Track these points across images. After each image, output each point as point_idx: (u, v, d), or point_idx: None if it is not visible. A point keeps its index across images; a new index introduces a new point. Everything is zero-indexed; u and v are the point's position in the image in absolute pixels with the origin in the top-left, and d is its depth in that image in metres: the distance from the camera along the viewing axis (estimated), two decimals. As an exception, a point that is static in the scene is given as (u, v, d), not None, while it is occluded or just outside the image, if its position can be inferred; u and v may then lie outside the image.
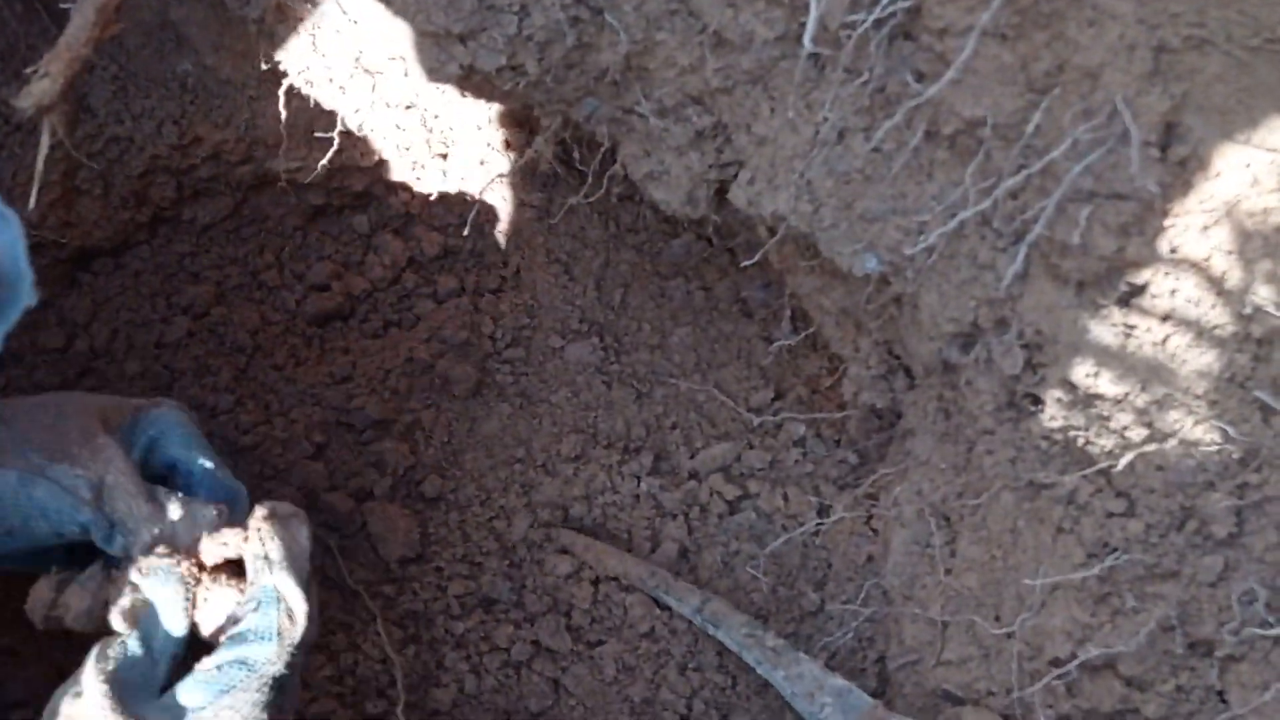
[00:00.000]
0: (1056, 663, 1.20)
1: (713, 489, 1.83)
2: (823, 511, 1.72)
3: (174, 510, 1.21)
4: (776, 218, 1.42)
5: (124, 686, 1.08)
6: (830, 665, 1.53)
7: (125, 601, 1.14)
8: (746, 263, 1.53)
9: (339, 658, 1.68)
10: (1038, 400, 1.31)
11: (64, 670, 1.42)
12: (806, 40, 1.32)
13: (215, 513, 1.23)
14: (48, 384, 1.86)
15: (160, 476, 1.33)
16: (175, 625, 1.15)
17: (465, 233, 2.10)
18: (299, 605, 1.14)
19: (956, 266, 1.29)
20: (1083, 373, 1.20)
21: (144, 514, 1.22)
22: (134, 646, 1.12)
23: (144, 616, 1.14)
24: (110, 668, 1.09)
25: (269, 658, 1.12)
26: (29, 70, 1.30)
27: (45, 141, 1.31)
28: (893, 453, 1.62)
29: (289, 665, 1.13)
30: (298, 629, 1.14)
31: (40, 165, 1.35)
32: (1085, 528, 1.20)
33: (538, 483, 1.92)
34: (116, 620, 1.13)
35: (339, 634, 1.71)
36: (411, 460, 1.92)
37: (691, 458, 1.90)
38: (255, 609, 1.14)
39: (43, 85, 1.26)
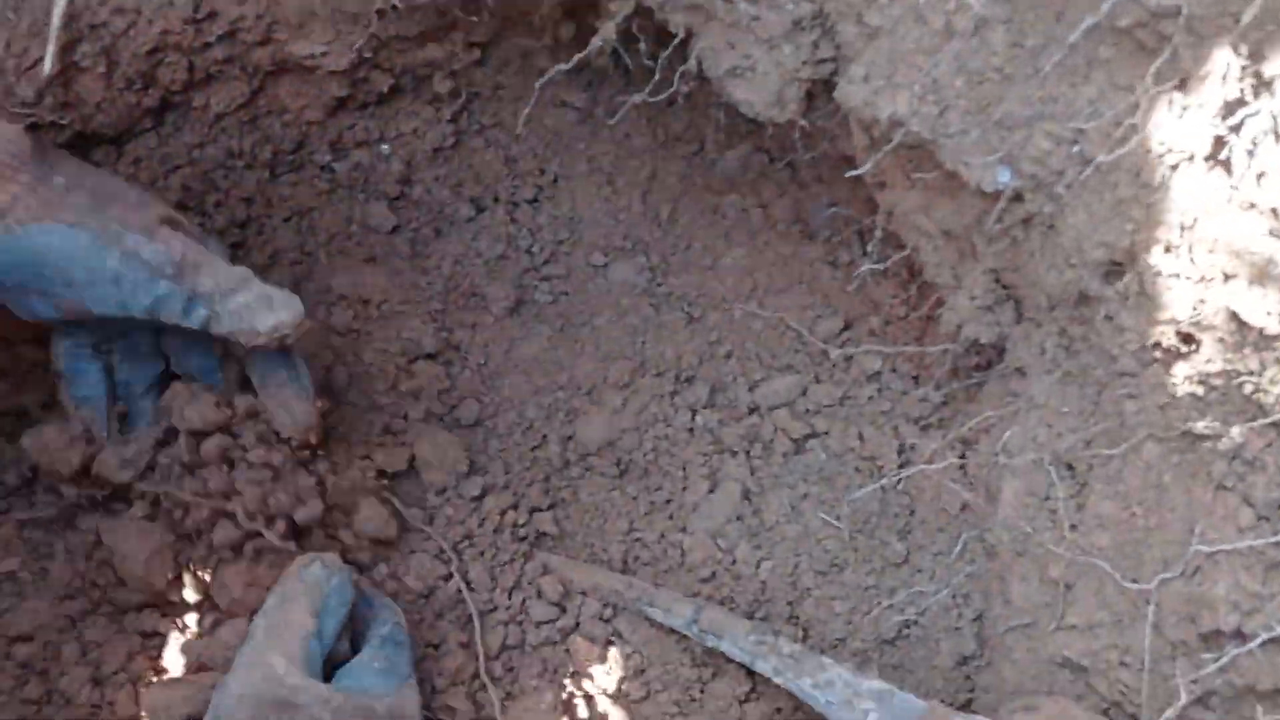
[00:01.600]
0: (1216, 636, 1.07)
1: (777, 425, 1.68)
2: (903, 453, 1.57)
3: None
4: (893, 122, 1.24)
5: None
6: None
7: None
8: (854, 172, 1.35)
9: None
10: (1191, 340, 1.16)
11: (72, 602, 1.30)
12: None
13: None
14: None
15: None
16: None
17: (517, 135, 1.90)
18: None
19: (1114, 184, 1.13)
20: (1262, 309, 1.05)
21: (235, 278, 1.30)
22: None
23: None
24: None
25: (404, 625, 1.35)
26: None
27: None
28: (991, 392, 1.47)
29: None
30: None
31: (56, 22, 1.15)
32: (1254, 486, 1.06)
33: (582, 411, 1.76)
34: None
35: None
36: (447, 383, 1.76)
37: (751, 390, 1.75)
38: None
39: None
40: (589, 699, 1.52)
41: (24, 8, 1.55)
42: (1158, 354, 1.17)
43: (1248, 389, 1.08)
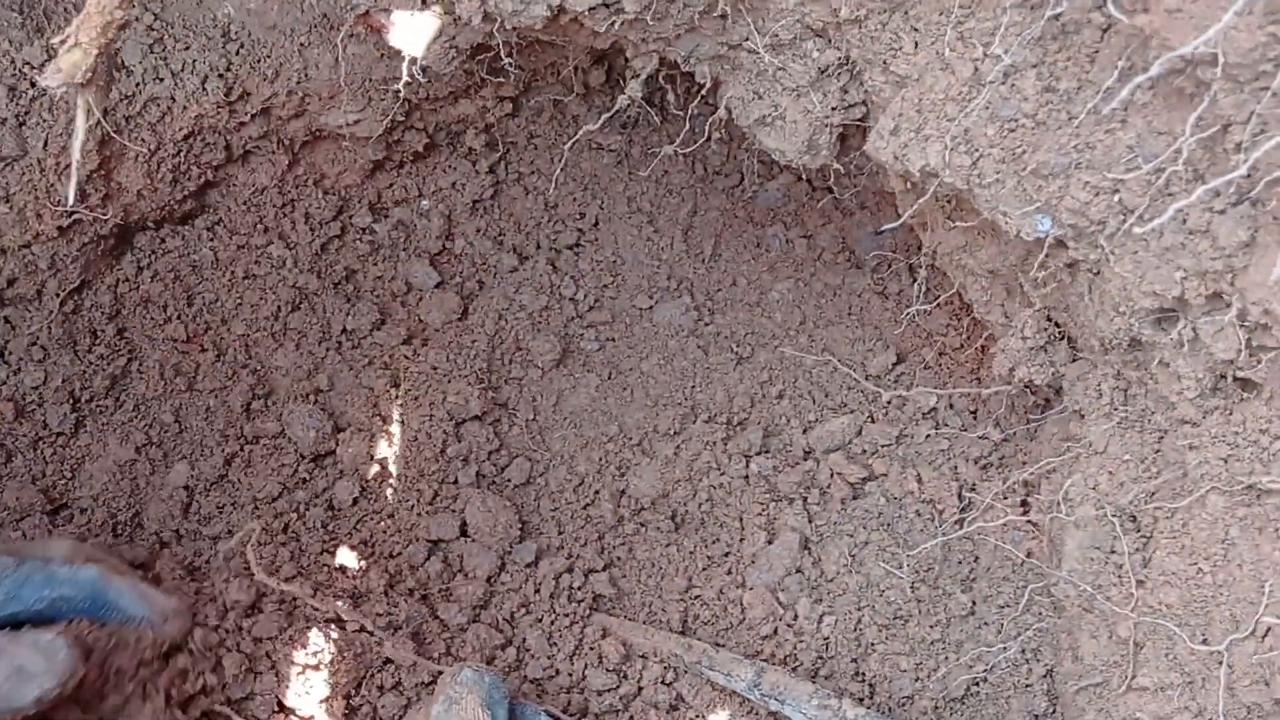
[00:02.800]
0: (1296, 706, 1.02)
1: (833, 469, 1.64)
2: (963, 496, 1.53)
3: None
4: (926, 173, 1.20)
5: None
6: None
7: None
8: (888, 226, 1.31)
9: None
10: (1250, 386, 1.10)
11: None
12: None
13: None
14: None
15: None
16: None
17: (554, 182, 1.89)
18: None
19: (1159, 231, 1.07)
20: (1325, 359, 0.99)
21: None
22: None
23: None
24: None
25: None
26: (56, 41, 1.10)
27: (81, 124, 1.11)
28: (1049, 434, 1.42)
29: None
30: None
31: (76, 152, 1.16)
32: (1329, 546, 1.00)
33: (633, 462, 1.74)
34: None
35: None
36: (496, 444, 1.75)
37: (805, 433, 1.71)
38: None
39: (73, 58, 1.05)
40: (657, 764, 1.51)
41: (58, 108, 1.58)
42: (1218, 401, 1.11)
43: (1318, 441, 1.02)
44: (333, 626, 1.49)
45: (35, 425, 1.66)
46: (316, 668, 1.44)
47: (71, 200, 1.34)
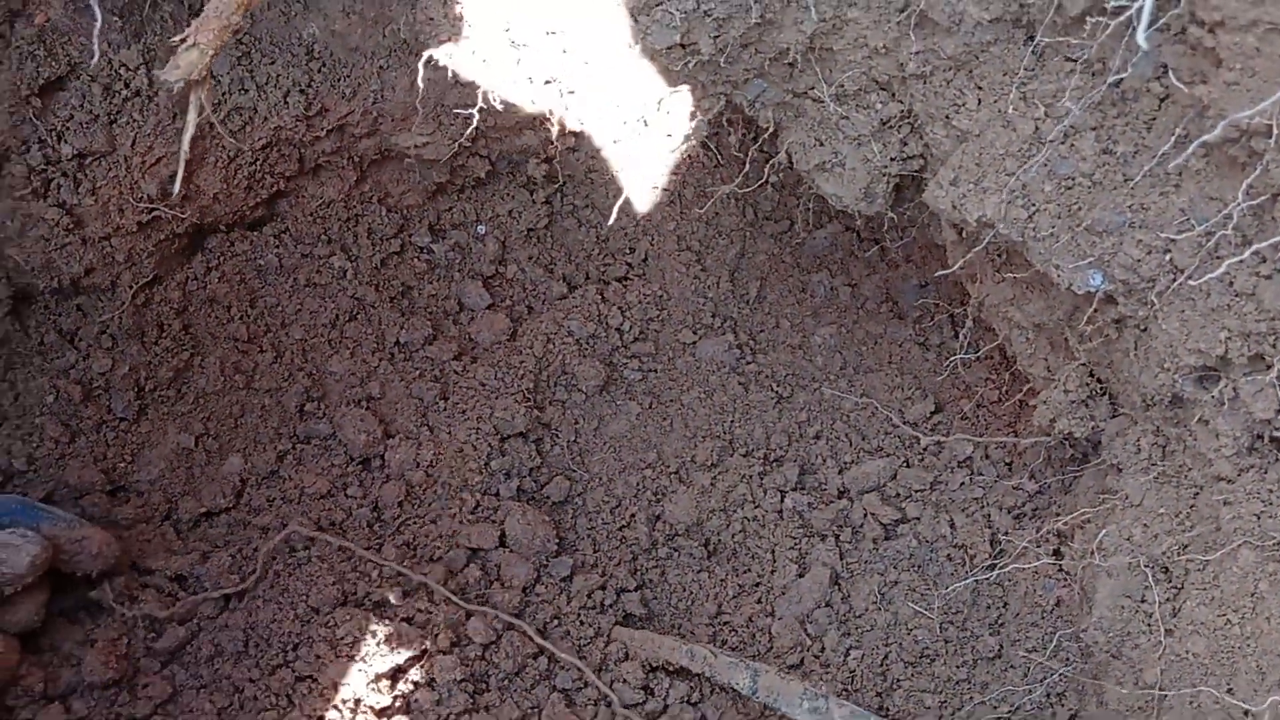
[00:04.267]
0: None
1: (867, 510, 1.69)
2: (996, 543, 1.56)
3: None
4: (983, 224, 1.26)
5: None
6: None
7: None
8: (940, 273, 1.37)
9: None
10: (1287, 447, 1.15)
11: None
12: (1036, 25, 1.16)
13: None
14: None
15: None
16: None
17: (607, 216, 1.96)
18: None
19: (1206, 292, 1.12)
20: (1363, 423, 1.03)
21: None
22: None
23: None
24: None
25: None
26: (175, 40, 1.18)
27: (192, 119, 1.19)
28: (1085, 487, 1.46)
29: None
30: None
31: (186, 145, 1.23)
32: (1358, 603, 1.04)
33: (670, 490, 1.79)
34: None
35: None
36: (537, 461, 1.80)
37: (840, 473, 1.75)
38: None
39: (191, 57, 1.13)
40: (677, 784, 1.53)
41: (149, 109, 1.66)
42: (1254, 459, 1.15)
43: (1350, 501, 1.06)
44: (382, 610, 1.55)
45: (100, 409, 1.72)
46: (364, 648, 1.50)
47: (178, 189, 1.41)
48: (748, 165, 1.64)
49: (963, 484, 1.66)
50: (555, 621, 1.65)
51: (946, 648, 1.51)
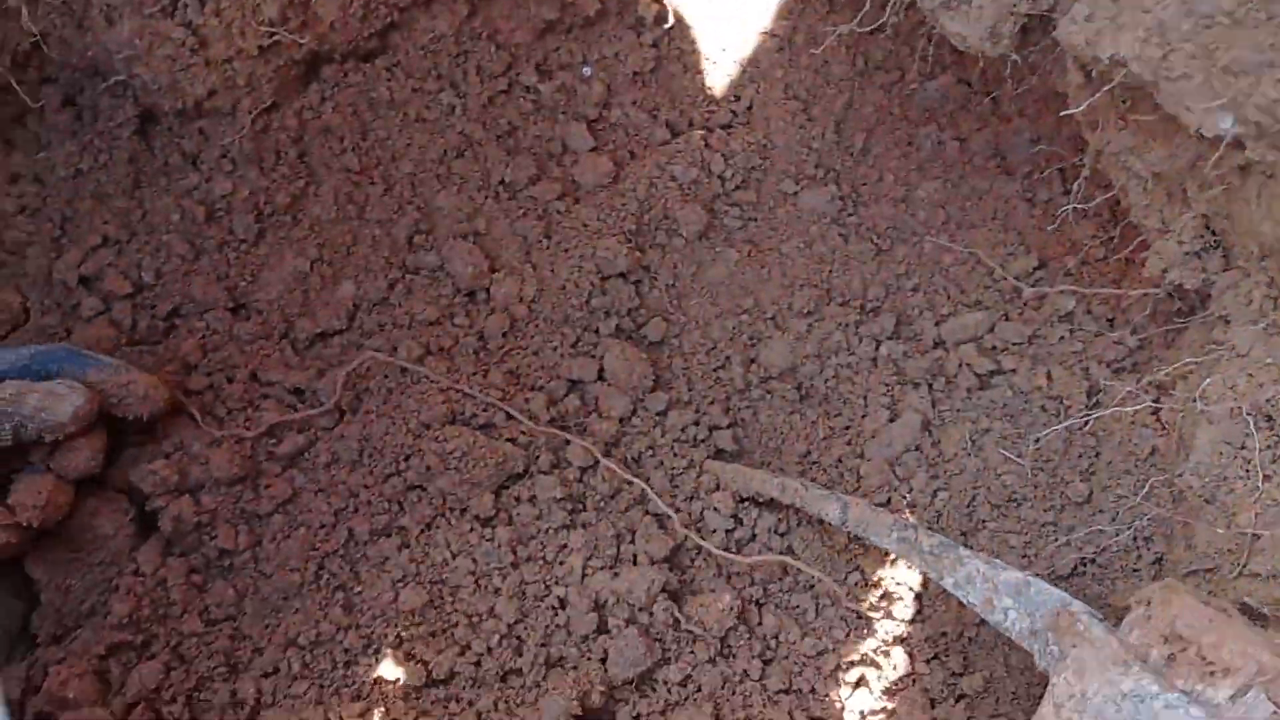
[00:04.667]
0: None
1: (962, 360, 1.70)
2: (1092, 395, 1.57)
3: None
4: (1115, 62, 1.23)
5: None
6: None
7: None
8: (1067, 111, 1.35)
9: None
10: None
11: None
12: None
13: None
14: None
15: None
16: None
17: (714, 61, 1.94)
18: None
19: (1343, 134, 1.10)
20: None
21: (12, 389, 1.44)
22: None
23: None
24: None
25: None
26: None
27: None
28: (1192, 340, 1.45)
29: None
30: None
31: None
32: None
33: (766, 335, 1.82)
34: None
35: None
36: (636, 301, 1.84)
37: (937, 325, 1.76)
38: None
39: None
40: (760, 607, 1.60)
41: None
42: (1374, 310, 1.14)
43: None
44: (488, 430, 1.65)
45: (223, 230, 1.79)
46: (470, 463, 1.58)
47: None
48: (866, 3, 1.61)
49: (1062, 338, 1.66)
50: (650, 452, 1.71)
51: (1035, 492, 1.53)
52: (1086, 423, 1.51)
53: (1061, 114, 1.39)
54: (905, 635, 1.54)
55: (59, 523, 1.53)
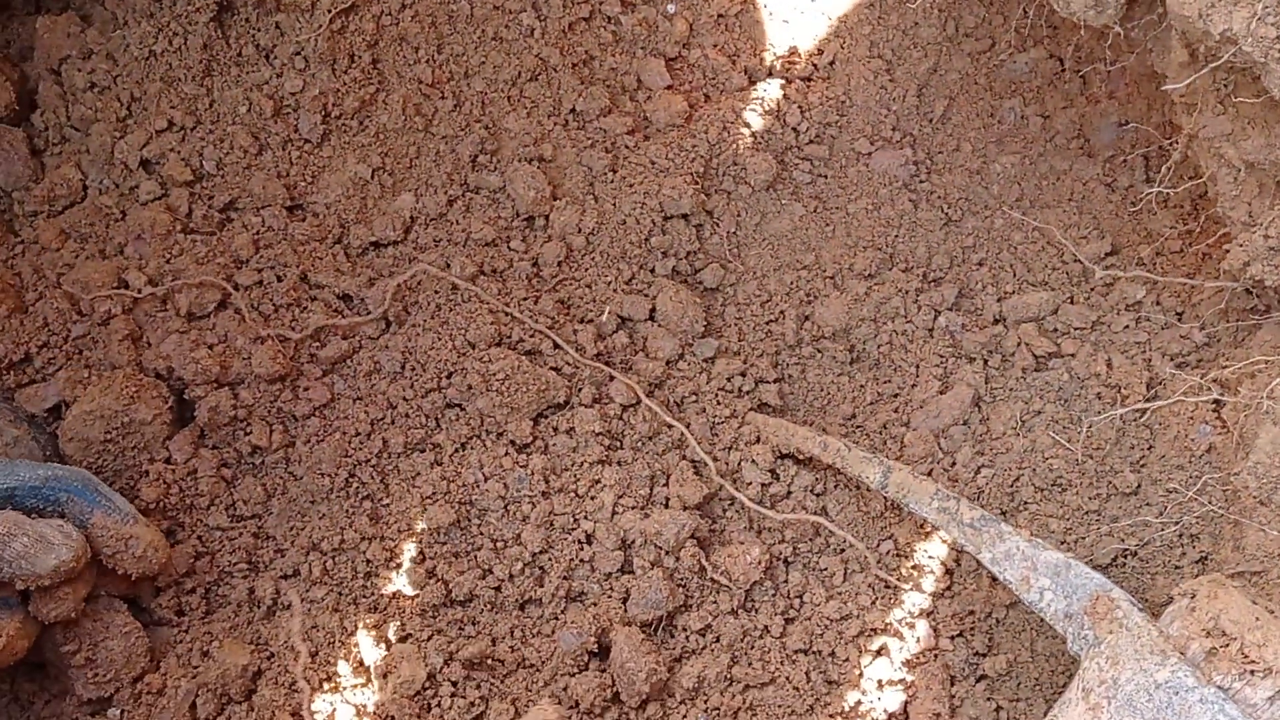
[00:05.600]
0: None
1: (1021, 338, 1.66)
2: (1152, 387, 1.53)
3: None
4: (1225, 39, 1.18)
5: None
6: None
7: None
8: (1169, 87, 1.29)
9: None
10: None
11: None
12: None
13: None
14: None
15: None
16: None
17: (801, 11, 1.89)
18: None
19: None
20: None
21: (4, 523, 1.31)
22: None
23: None
24: None
25: None
26: None
27: None
28: (1264, 339, 1.40)
29: None
30: None
31: None
32: None
33: (823, 293, 1.78)
34: None
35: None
36: (696, 245, 1.81)
37: (999, 301, 1.72)
38: None
39: None
40: (787, 565, 1.59)
41: None
42: None
43: None
44: (534, 357, 1.65)
45: (288, 127, 1.78)
46: (512, 386, 1.57)
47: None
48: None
49: (1127, 327, 1.61)
50: (693, 397, 1.69)
51: (1081, 479, 1.50)
52: (1144, 413, 1.47)
53: (1155, 96, 1.34)
54: (931, 609, 1.52)
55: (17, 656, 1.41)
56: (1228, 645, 1.02)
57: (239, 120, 1.77)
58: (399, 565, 1.57)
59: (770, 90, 1.94)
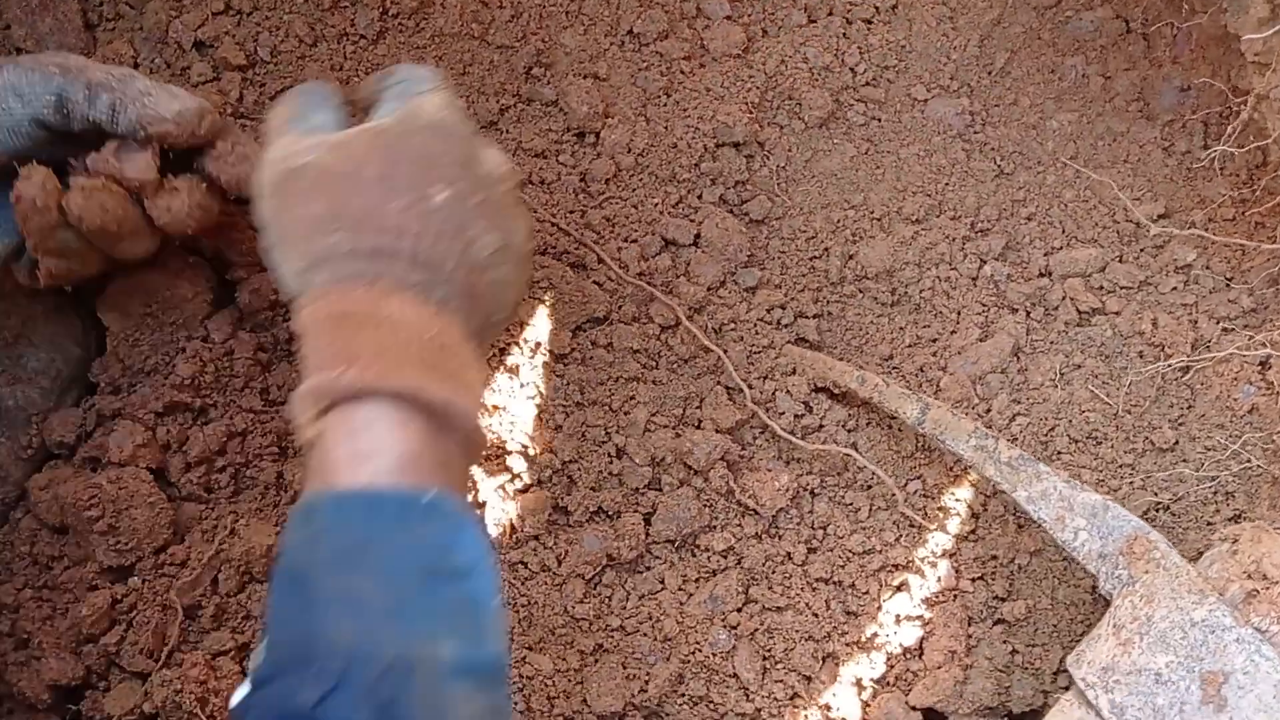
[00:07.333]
0: None
1: (1066, 292, 1.65)
2: (1196, 348, 1.52)
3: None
4: (1316, -11, 1.16)
5: None
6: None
7: None
8: (1250, 36, 1.28)
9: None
10: None
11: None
12: None
13: None
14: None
15: None
16: None
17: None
18: None
19: None
20: None
21: (123, 71, 1.24)
22: None
23: None
24: None
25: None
26: None
27: None
28: (1316, 307, 1.40)
29: None
30: None
31: None
32: None
33: (869, 234, 1.77)
34: None
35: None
36: (745, 175, 1.79)
37: (1046, 255, 1.71)
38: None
39: None
40: (814, 496, 1.59)
41: None
42: None
43: None
44: (577, 269, 1.65)
45: (345, 20, 1.76)
46: (555, 297, 1.57)
47: None
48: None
49: (1175, 288, 1.60)
50: (732, 325, 1.68)
51: (1118, 433, 1.49)
52: (1186, 371, 1.46)
53: (1221, 61, 1.32)
54: (954, 551, 1.52)
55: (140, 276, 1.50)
56: (1270, 589, 1.02)
57: (296, 9, 1.76)
58: (426, 464, 1.57)
59: (832, 28, 1.92)
